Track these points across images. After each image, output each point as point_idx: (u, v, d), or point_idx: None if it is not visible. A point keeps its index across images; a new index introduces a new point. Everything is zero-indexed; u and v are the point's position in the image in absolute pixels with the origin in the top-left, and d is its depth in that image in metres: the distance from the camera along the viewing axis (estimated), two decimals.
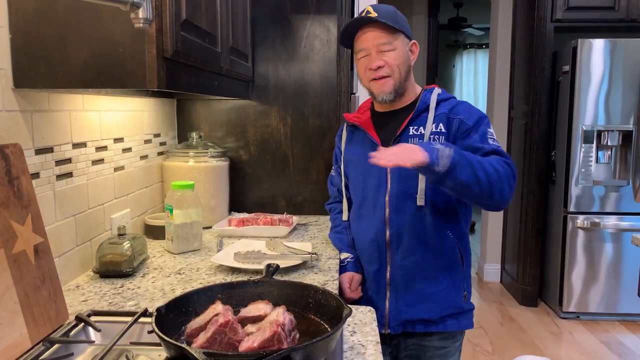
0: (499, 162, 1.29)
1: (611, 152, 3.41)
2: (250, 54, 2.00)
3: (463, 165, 1.20)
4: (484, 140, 1.36)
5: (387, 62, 1.39)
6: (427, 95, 1.45)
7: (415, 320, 1.45)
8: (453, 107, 1.42)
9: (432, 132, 1.39)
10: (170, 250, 1.61)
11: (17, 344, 0.89)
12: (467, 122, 1.38)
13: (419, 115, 1.43)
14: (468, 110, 1.42)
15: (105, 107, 1.52)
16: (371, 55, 1.40)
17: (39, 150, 1.21)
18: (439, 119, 1.41)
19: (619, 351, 3.10)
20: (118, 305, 1.17)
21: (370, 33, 1.39)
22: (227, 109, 2.13)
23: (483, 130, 1.38)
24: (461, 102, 1.45)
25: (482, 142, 1.36)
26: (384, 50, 1.39)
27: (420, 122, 1.42)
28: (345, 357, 0.93)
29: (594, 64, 3.35)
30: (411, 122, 1.43)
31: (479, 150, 1.34)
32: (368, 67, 1.41)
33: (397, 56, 1.40)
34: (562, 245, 3.55)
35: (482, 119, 1.40)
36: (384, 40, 1.38)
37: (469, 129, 1.38)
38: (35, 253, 0.98)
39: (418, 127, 1.42)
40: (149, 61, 1.05)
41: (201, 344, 0.81)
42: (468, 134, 1.38)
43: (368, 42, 1.39)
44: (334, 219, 1.67)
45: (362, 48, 1.41)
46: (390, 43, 1.39)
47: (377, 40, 1.38)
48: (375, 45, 1.39)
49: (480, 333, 3.34)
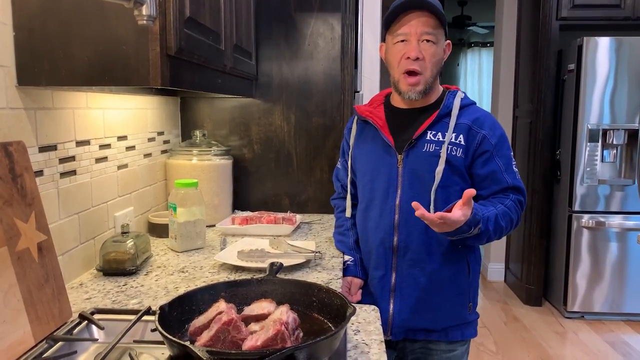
0: (516, 210, 1.35)
1: (617, 151, 3.40)
2: (254, 52, 2.00)
3: (487, 232, 1.28)
4: (508, 170, 1.36)
5: (425, 57, 1.33)
6: (451, 99, 1.39)
7: (418, 329, 1.43)
8: (476, 118, 1.38)
9: (450, 143, 1.35)
10: (174, 248, 1.61)
11: (20, 342, 0.89)
12: (490, 140, 1.35)
13: (440, 120, 1.38)
14: (491, 125, 1.38)
15: (109, 105, 1.52)
16: (411, 42, 1.32)
17: (43, 148, 1.21)
18: (460, 128, 1.36)
19: (624, 351, 3.08)
20: (121, 304, 1.16)
21: (418, 18, 1.31)
22: (230, 107, 2.13)
23: (507, 156, 1.37)
24: (485, 114, 1.40)
25: (507, 172, 1.36)
26: (426, 40, 1.32)
27: (440, 128, 1.37)
28: (349, 356, 0.93)
29: (599, 62, 3.33)
30: (430, 126, 1.37)
31: (500, 182, 1.36)
32: (406, 55, 1.33)
33: (436, 52, 1.34)
34: (566, 244, 3.54)
35: (504, 139, 1.39)
36: (430, 29, 1.31)
37: (490, 150, 1.36)
38: (39, 251, 0.98)
39: (437, 133, 1.36)
40: (153, 59, 1.05)
41: (204, 342, 0.80)
42: (491, 156, 1.36)
43: (412, 27, 1.31)
44: (338, 217, 1.65)
45: (404, 32, 1.33)
46: (435, 35, 1.32)
47: (423, 28, 1.31)
48: (419, 33, 1.31)
49: (485, 333, 3.32)
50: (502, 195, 1.36)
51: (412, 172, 1.38)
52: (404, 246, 1.40)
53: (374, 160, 1.45)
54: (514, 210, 1.34)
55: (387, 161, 1.41)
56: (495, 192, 1.36)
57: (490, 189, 1.36)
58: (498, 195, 1.36)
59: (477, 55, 7.57)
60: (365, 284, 1.50)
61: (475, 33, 7.37)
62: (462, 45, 7.58)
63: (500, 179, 1.35)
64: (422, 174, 1.37)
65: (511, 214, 1.33)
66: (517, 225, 1.37)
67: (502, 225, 1.31)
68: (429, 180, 1.36)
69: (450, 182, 1.35)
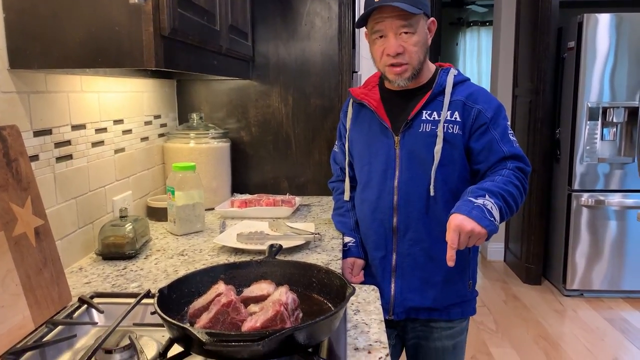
0: (516, 176, 1.30)
1: (616, 129, 3.38)
2: (250, 33, 1.97)
3: (505, 212, 1.23)
4: (504, 139, 1.34)
5: (406, 49, 1.30)
6: (443, 77, 1.38)
7: (419, 308, 1.43)
8: (470, 94, 1.36)
9: (446, 121, 1.33)
10: (173, 232, 1.61)
11: (20, 326, 0.89)
12: (485, 114, 1.34)
13: (434, 98, 1.36)
14: (486, 99, 1.36)
15: (104, 89, 1.50)
16: (388, 38, 1.30)
17: (38, 132, 1.20)
18: (454, 106, 1.35)
19: (623, 328, 3.11)
20: (121, 287, 1.16)
21: (390, 14, 1.27)
22: (227, 90, 2.11)
23: (503, 125, 1.35)
24: (478, 89, 1.38)
25: (503, 141, 1.33)
26: (404, 32, 1.29)
27: (435, 107, 1.36)
28: (349, 336, 0.93)
29: (599, 40, 3.30)
30: (425, 106, 1.36)
31: (497, 153, 1.32)
32: (386, 52, 1.31)
33: (418, 40, 1.31)
34: (566, 223, 3.54)
35: (500, 110, 1.36)
36: (405, 22, 1.28)
37: (487, 123, 1.33)
38: (36, 235, 0.98)
39: (432, 112, 1.35)
40: (146, 40, 1.03)
41: (204, 324, 0.80)
42: (487, 129, 1.33)
43: (387, 24, 1.28)
44: (337, 199, 1.64)
45: (379, 29, 1.30)
46: (411, 26, 1.28)
47: (398, 22, 1.28)
48: (395, 27, 1.28)
49: (484, 312, 3.35)
50: (501, 166, 1.33)
51: (410, 153, 1.37)
52: (404, 227, 1.39)
53: (371, 142, 1.44)
54: (515, 178, 1.29)
55: (384, 143, 1.40)
56: (494, 164, 1.33)
57: (488, 161, 1.34)
58: (497, 168, 1.33)
59: (476, 35, 7.48)
60: (366, 265, 1.51)
61: (474, 12, 7.28)
62: (461, 25, 7.49)
63: (496, 149, 1.33)
64: (420, 155, 1.36)
65: (513, 181, 1.28)
66: (526, 192, 1.32)
67: (510, 191, 1.25)
68: (428, 160, 1.35)
69: (449, 160, 1.34)
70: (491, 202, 1.19)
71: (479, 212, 1.15)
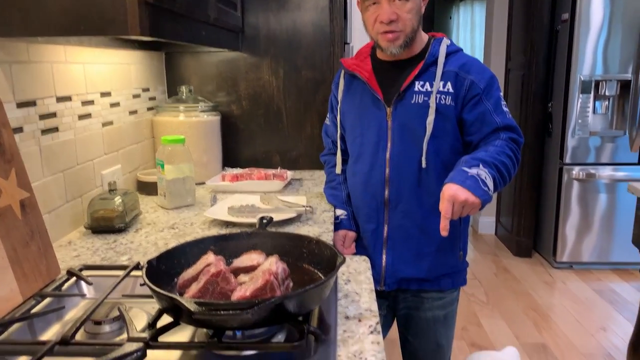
0: (509, 147, 1.29)
1: (608, 102, 3.37)
2: (239, 3, 1.93)
3: (499, 182, 1.23)
4: (497, 109, 1.32)
5: (399, 16, 1.27)
6: (436, 47, 1.36)
7: (411, 279, 1.44)
8: (463, 64, 1.34)
9: (438, 92, 1.32)
10: (164, 205, 1.60)
11: (7, 299, 0.88)
12: (478, 85, 1.32)
13: (427, 69, 1.35)
14: (479, 69, 1.34)
15: (89, 60, 1.47)
16: (382, 4, 1.27)
17: (21, 104, 1.17)
18: (447, 76, 1.33)
19: (611, 299, 3.16)
20: (111, 260, 1.16)
21: None
22: (216, 62, 2.07)
23: (496, 96, 1.33)
24: (471, 59, 1.36)
25: (496, 112, 1.32)
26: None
27: (427, 78, 1.34)
28: (339, 305, 0.93)
29: (593, 12, 3.26)
30: (417, 76, 1.34)
31: (490, 124, 1.31)
32: (379, 19, 1.28)
33: (411, 8, 1.28)
34: (557, 196, 3.56)
35: (493, 81, 1.34)
36: None
37: (480, 94, 1.32)
38: (22, 208, 0.96)
39: (424, 83, 1.33)
40: (130, 6, 1.00)
41: (193, 294, 0.80)
42: (480, 100, 1.32)
43: None
44: (328, 172, 1.63)
45: None
46: None
47: None
48: None
49: (475, 284, 3.39)
50: (494, 137, 1.32)
51: (402, 125, 1.35)
52: (396, 199, 1.39)
53: (363, 114, 1.42)
54: (508, 148, 1.29)
55: (376, 115, 1.39)
56: (487, 135, 1.33)
57: (481, 132, 1.33)
58: (490, 138, 1.32)
59: (470, 9, 7.39)
60: (357, 238, 1.51)
61: None
62: None
63: (489, 120, 1.32)
64: (412, 126, 1.34)
65: (506, 151, 1.28)
66: (519, 163, 1.32)
67: (504, 161, 1.25)
68: (420, 131, 1.33)
69: (442, 132, 1.33)
70: (485, 171, 1.18)
71: (473, 182, 1.15)
